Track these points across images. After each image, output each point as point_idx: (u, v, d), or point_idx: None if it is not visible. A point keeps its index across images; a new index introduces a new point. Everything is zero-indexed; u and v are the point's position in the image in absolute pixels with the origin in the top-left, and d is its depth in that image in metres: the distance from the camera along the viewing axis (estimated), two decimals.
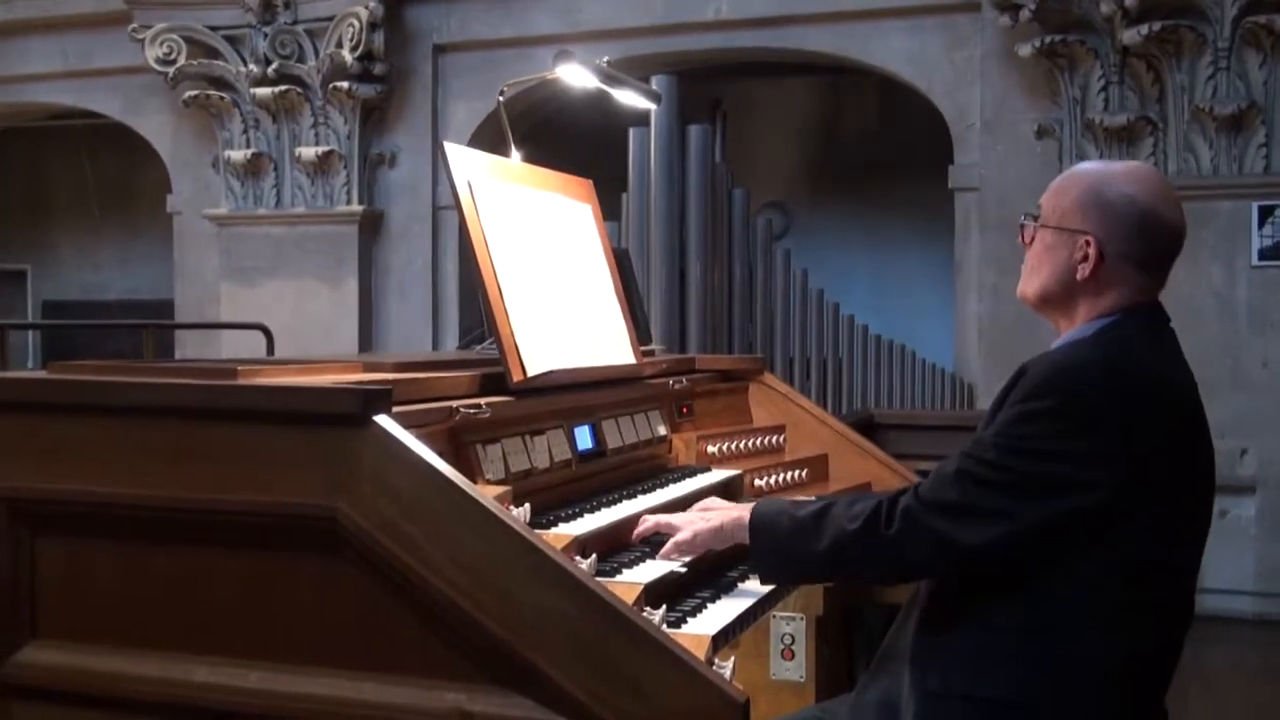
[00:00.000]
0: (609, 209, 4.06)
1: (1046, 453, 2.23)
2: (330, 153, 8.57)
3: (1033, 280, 2.49)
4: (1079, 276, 2.40)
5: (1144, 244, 2.39)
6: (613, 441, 3.04)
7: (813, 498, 2.64)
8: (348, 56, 8.31)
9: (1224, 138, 6.74)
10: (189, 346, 9.18)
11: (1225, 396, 6.57)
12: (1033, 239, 2.50)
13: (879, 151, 9.79)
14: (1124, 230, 2.38)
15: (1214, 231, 6.77)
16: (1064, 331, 2.48)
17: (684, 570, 2.54)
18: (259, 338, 7.47)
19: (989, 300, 7.41)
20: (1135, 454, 2.22)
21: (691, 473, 3.25)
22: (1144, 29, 6.68)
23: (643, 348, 3.40)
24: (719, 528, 2.59)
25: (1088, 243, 2.39)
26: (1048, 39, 6.97)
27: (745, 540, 2.52)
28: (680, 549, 2.59)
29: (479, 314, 3.48)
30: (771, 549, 2.47)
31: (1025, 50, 7.06)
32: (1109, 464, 2.21)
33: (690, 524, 2.62)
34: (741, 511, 2.57)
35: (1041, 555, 2.25)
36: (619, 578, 2.38)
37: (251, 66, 8.59)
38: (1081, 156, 6.98)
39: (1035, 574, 2.26)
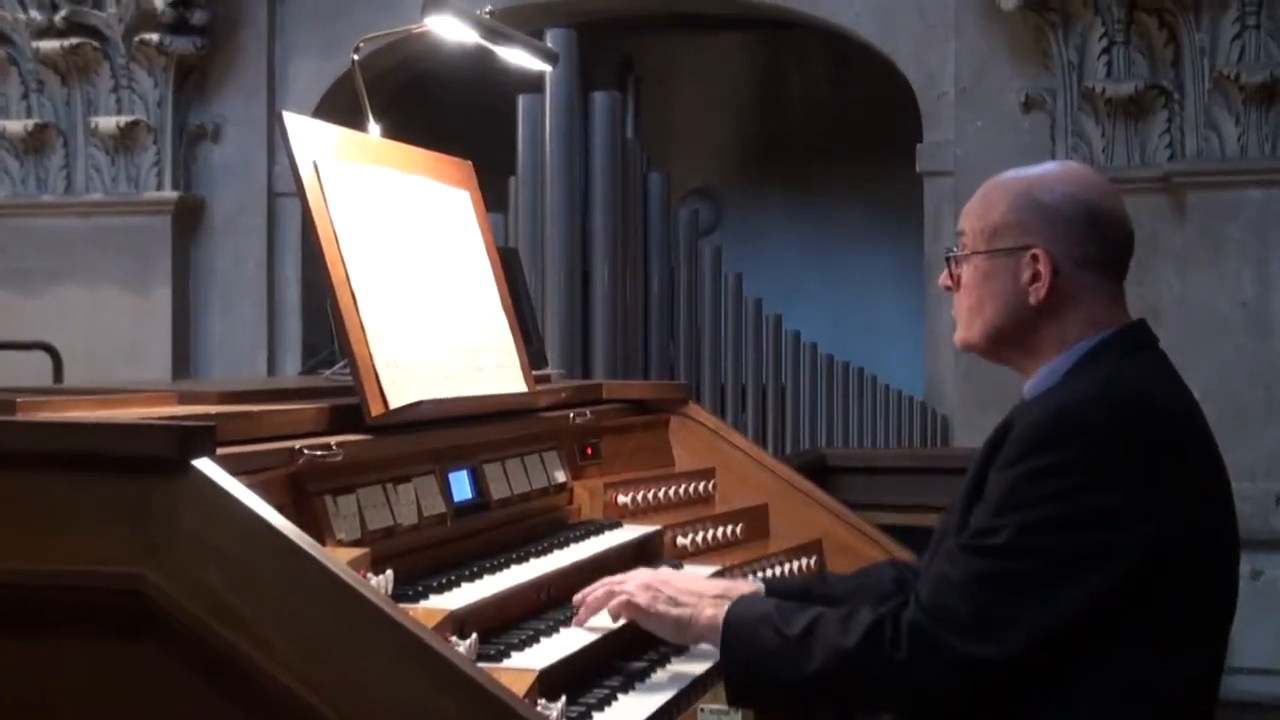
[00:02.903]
0: (493, 197, 4.06)
1: (1070, 518, 2.25)
2: (136, 124, 8.47)
3: (975, 322, 2.53)
4: (1033, 300, 2.46)
5: (1099, 244, 2.47)
6: (498, 491, 3.04)
7: (796, 605, 2.60)
8: (159, 1, 8.23)
9: (1254, 111, 6.88)
10: None
11: (1256, 430, 6.69)
12: (957, 278, 2.55)
13: (830, 127, 9.88)
14: (1074, 232, 2.45)
15: (1241, 226, 6.90)
16: (1030, 373, 2.52)
17: (594, 637, 2.55)
18: (43, 360, 7.35)
19: None
20: (1168, 500, 2.27)
21: (598, 529, 3.26)
22: None
23: (535, 372, 3.40)
24: (687, 622, 2.58)
25: (1035, 257, 2.45)
26: None
27: (715, 644, 2.53)
28: (620, 611, 2.60)
29: (328, 330, 3.45)
30: (749, 667, 2.47)
31: (1010, 3, 7.17)
32: (1143, 516, 2.25)
33: (653, 592, 2.61)
34: (715, 612, 2.55)
35: (1073, 645, 2.28)
36: (507, 662, 2.38)
37: (34, 13, 8.46)
38: (1078, 133, 7.10)
39: (1059, 671, 2.29)
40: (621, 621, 2.66)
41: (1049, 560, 2.25)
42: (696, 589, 2.65)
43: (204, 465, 1.93)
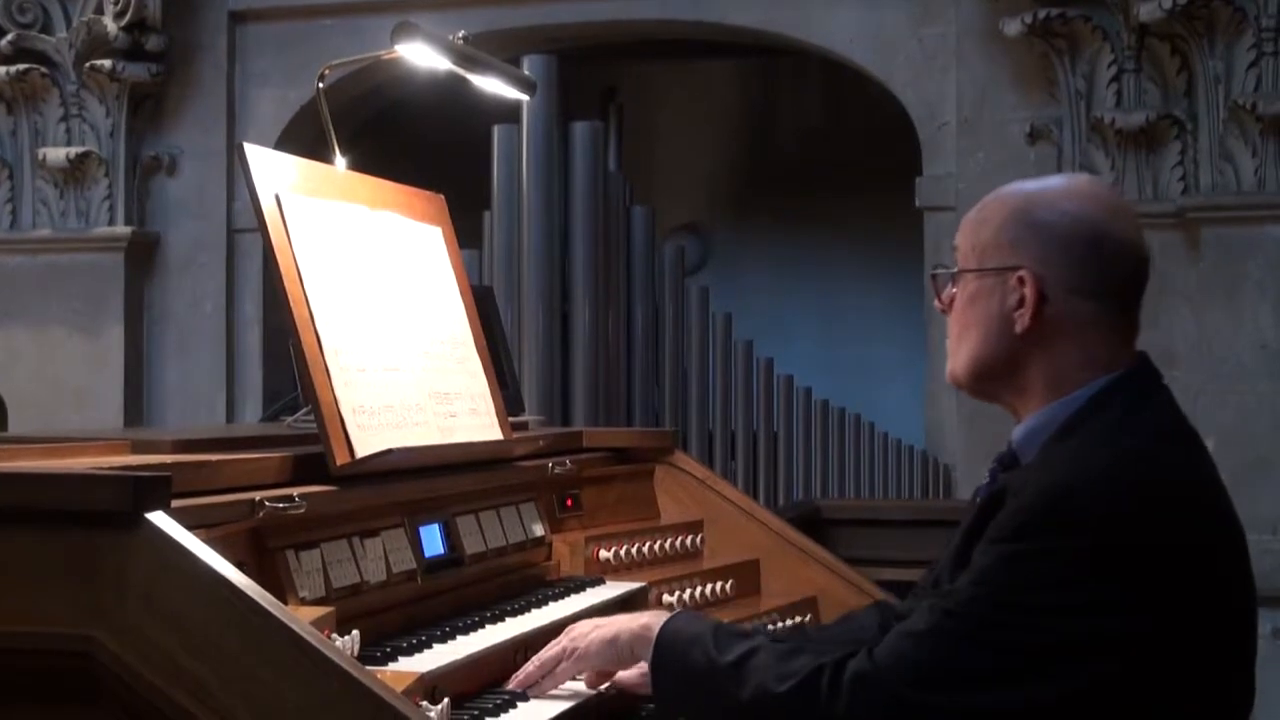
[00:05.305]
0: (467, 233, 4.07)
1: (1060, 607, 2.18)
2: (87, 155, 8.48)
3: (960, 351, 2.48)
4: (1018, 329, 2.39)
5: (1097, 271, 2.37)
6: (472, 545, 3.03)
7: (745, 625, 2.63)
8: (111, 26, 8.24)
9: (1272, 142, 6.91)
10: None
11: (1277, 480, 6.69)
12: (950, 299, 2.50)
13: (824, 159, 9.91)
14: (1070, 255, 2.37)
15: (1261, 264, 6.91)
16: (1022, 415, 2.46)
17: (573, 703, 2.54)
18: None
19: None
20: (1168, 596, 2.20)
21: (579, 586, 3.26)
22: (1166, 1, 6.85)
23: (512, 419, 3.40)
24: (612, 639, 2.59)
25: (1020, 280, 2.38)
26: (1042, 14, 7.11)
27: (646, 660, 2.53)
28: (546, 667, 2.60)
29: (290, 374, 3.45)
30: (678, 679, 2.46)
31: (1013, 28, 7.21)
32: (1137, 613, 2.18)
33: (573, 634, 2.62)
34: (650, 620, 2.57)
35: None
36: None
37: None
38: (1087, 165, 7.12)
39: None
40: (603, 685, 2.65)
41: (1016, 639, 2.18)
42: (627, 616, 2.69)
43: (158, 519, 1.92)
